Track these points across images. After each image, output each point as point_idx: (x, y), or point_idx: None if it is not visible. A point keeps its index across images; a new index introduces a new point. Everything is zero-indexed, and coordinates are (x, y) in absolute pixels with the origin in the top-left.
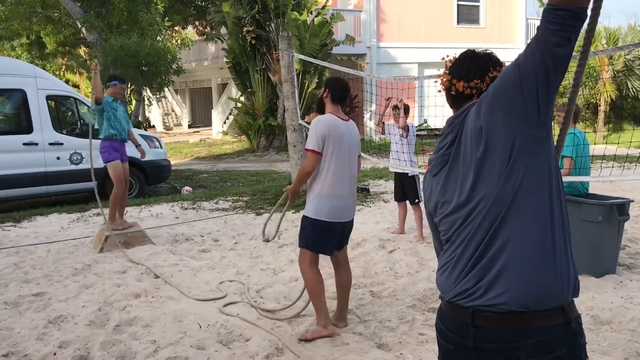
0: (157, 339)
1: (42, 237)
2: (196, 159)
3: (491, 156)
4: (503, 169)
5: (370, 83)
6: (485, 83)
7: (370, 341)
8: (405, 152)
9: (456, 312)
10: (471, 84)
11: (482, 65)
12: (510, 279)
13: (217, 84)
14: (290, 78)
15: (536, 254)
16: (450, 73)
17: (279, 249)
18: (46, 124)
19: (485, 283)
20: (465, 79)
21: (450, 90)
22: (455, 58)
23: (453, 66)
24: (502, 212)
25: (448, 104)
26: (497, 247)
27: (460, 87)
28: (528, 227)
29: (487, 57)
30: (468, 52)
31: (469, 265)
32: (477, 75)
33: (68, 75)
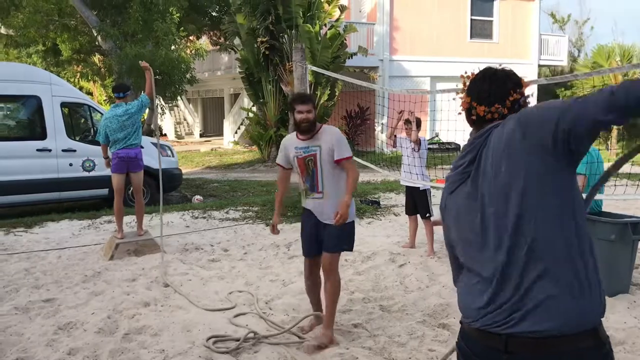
0: (166, 348)
1: (53, 243)
2: (207, 168)
3: (515, 183)
4: (532, 196)
5: (383, 96)
6: (507, 107)
7: (379, 356)
8: (417, 166)
9: (485, 338)
10: (492, 109)
11: (502, 87)
12: (548, 307)
13: (230, 94)
14: (303, 89)
15: (572, 280)
16: (469, 94)
17: (289, 260)
18: (60, 131)
19: (520, 314)
20: (486, 103)
21: (471, 115)
22: (474, 75)
23: (472, 86)
24: (535, 240)
25: (468, 123)
26: (533, 278)
27: (481, 112)
28: (561, 254)
29: (507, 78)
30: (487, 72)
31: (502, 296)
32: (498, 99)
33: (82, 82)
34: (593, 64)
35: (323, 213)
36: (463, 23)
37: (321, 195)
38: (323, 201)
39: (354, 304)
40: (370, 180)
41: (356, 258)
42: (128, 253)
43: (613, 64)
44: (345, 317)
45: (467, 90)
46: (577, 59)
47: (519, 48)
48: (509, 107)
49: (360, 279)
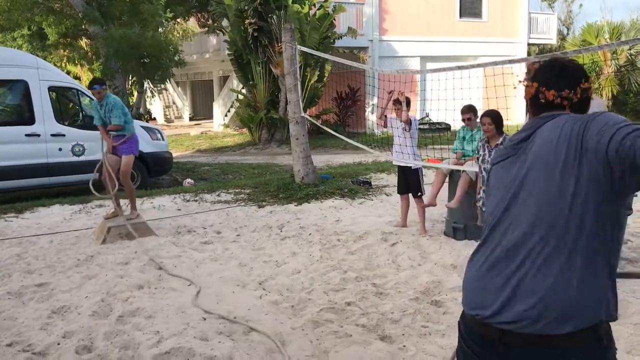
0: (161, 330)
1: (44, 228)
2: (197, 152)
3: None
4: (579, 191)
5: (373, 76)
6: (577, 95)
7: (373, 333)
8: (408, 145)
9: (483, 329)
10: (563, 94)
11: (573, 75)
12: (564, 300)
13: (219, 76)
14: (292, 70)
15: (586, 274)
16: (537, 81)
17: (282, 241)
18: (48, 115)
19: (537, 309)
20: (555, 87)
21: (539, 99)
22: (541, 66)
23: (540, 74)
24: (568, 233)
25: (531, 112)
26: (556, 270)
27: (550, 97)
28: (587, 248)
29: (578, 67)
30: (556, 62)
31: (523, 287)
32: (568, 85)
33: (69, 66)
34: (582, 42)
35: None
36: (452, 2)
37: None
38: None
39: (347, 282)
40: (361, 161)
41: (348, 238)
42: (120, 237)
43: (602, 41)
44: (338, 296)
45: (532, 77)
46: (566, 38)
47: (508, 27)
48: (579, 95)
49: (352, 259)
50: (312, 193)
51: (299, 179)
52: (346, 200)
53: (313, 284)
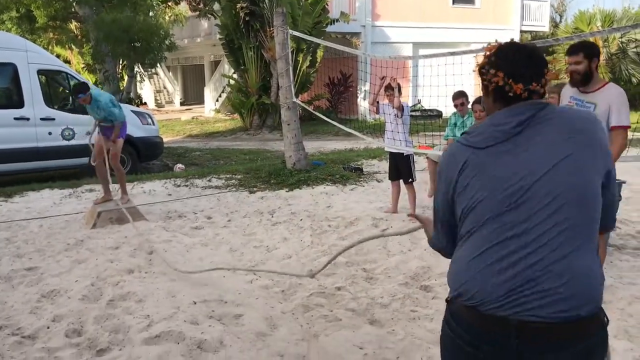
0: (151, 314)
1: (34, 213)
2: (188, 137)
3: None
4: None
5: (365, 62)
6: (544, 87)
7: (362, 317)
8: (400, 132)
9: (492, 323)
10: (531, 87)
11: (539, 64)
12: (575, 288)
13: (210, 61)
14: (284, 55)
15: (594, 261)
16: (500, 69)
17: (273, 226)
18: (37, 99)
19: (557, 294)
20: (523, 80)
21: (505, 91)
22: (500, 47)
23: (505, 62)
24: (573, 222)
25: (491, 99)
26: (568, 258)
27: (518, 90)
28: (586, 235)
29: (541, 53)
30: (521, 49)
31: (539, 274)
32: (535, 74)
33: (59, 50)
34: (574, 30)
35: None
36: None
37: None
38: None
39: (337, 267)
40: (353, 148)
41: (339, 223)
42: (110, 221)
43: (594, 29)
44: (328, 281)
45: (496, 63)
46: (559, 25)
47: (500, 13)
48: (544, 85)
49: (343, 244)
50: (303, 179)
51: (290, 164)
52: (337, 186)
53: (304, 270)
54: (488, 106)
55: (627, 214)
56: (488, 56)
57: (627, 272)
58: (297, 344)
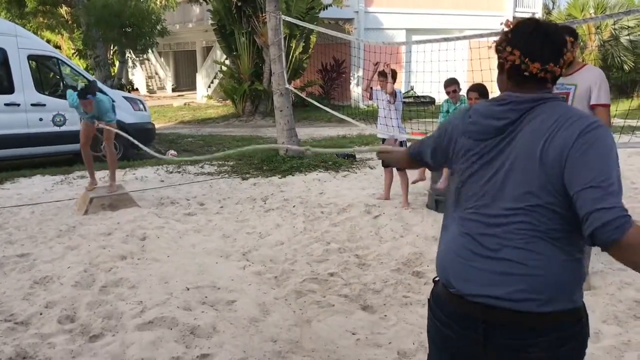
0: (144, 300)
1: (25, 199)
2: (180, 123)
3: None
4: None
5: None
6: (560, 67)
7: (355, 303)
8: (393, 118)
9: (462, 305)
10: (548, 67)
11: (558, 42)
12: (542, 281)
13: (202, 46)
14: (277, 41)
15: (563, 255)
16: (517, 47)
17: (265, 213)
18: (28, 85)
19: (522, 284)
20: (540, 60)
21: (521, 70)
22: (518, 25)
23: (522, 40)
24: (547, 218)
25: (507, 80)
26: (537, 249)
27: (534, 70)
28: (560, 228)
29: (560, 32)
30: (539, 26)
31: (506, 263)
32: (554, 55)
33: (49, 35)
34: (567, 16)
35: None
36: None
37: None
38: None
39: (330, 254)
40: (346, 134)
41: (332, 210)
42: (103, 207)
43: (587, 16)
44: (321, 267)
45: (512, 41)
46: (552, 12)
47: (494, 0)
48: (562, 66)
49: (336, 230)
50: (296, 166)
51: (283, 151)
52: (330, 173)
53: (296, 255)
54: (502, 83)
55: None
56: (505, 32)
57: None
58: (289, 330)
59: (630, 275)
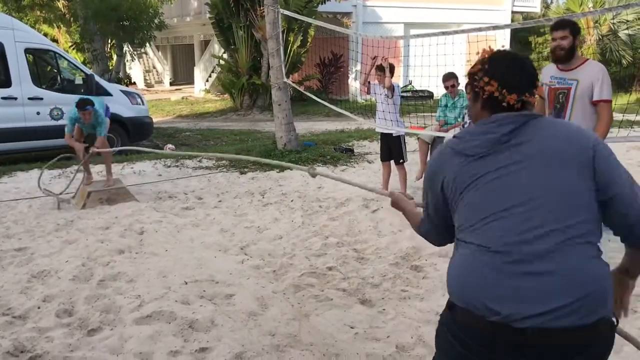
0: (142, 294)
1: (23, 193)
2: (178, 117)
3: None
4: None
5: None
6: (535, 98)
7: (353, 297)
8: (391, 112)
9: (509, 333)
10: (524, 98)
11: (532, 74)
12: (598, 291)
13: (200, 40)
14: (275, 35)
15: (601, 261)
16: (495, 78)
17: (264, 207)
18: (25, 78)
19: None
20: (517, 91)
21: (498, 100)
22: (493, 54)
23: (499, 71)
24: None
25: (481, 108)
26: (580, 261)
27: (511, 101)
28: (597, 234)
29: (532, 64)
30: (517, 59)
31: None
32: (528, 85)
33: (46, 28)
34: (566, 11)
35: None
36: None
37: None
38: None
39: (328, 248)
40: (344, 129)
41: (330, 204)
42: (100, 202)
43: (585, 10)
44: (320, 261)
45: (489, 72)
46: (550, 6)
47: None
48: (534, 94)
49: (334, 225)
50: (294, 160)
51: (281, 145)
52: (328, 167)
53: (294, 249)
54: (475, 112)
55: None
56: (481, 63)
57: (616, 253)
58: (288, 324)
59: None
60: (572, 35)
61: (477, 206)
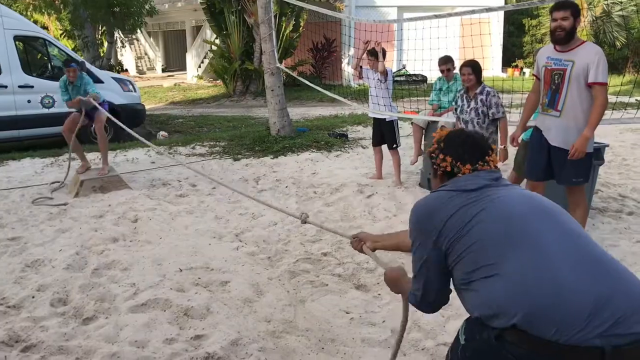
0: (137, 282)
1: (15, 182)
2: (171, 104)
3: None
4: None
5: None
6: (487, 164)
7: (348, 282)
8: (384, 97)
9: (575, 355)
10: (478, 166)
11: (486, 148)
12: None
13: (192, 26)
14: (267, 19)
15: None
16: (449, 154)
17: (258, 193)
18: (15, 66)
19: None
20: (470, 162)
21: (454, 172)
22: (450, 138)
23: (453, 148)
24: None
25: (438, 180)
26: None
27: (466, 171)
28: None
29: (486, 143)
30: (468, 136)
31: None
32: (481, 158)
33: (36, 15)
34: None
35: (551, 132)
36: None
37: (558, 114)
38: (558, 121)
39: (323, 234)
40: (338, 114)
41: (325, 190)
42: (94, 190)
43: None
44: (315, 247)
45: (444, 150)
46: None
47: None
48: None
49: (329, 210)
50: (288, 146)
51: (274, 131)
52: (322, 152)
53: (289, 236)
54: (435, 185)
55: (609, 177)
56: (437, 142)
57: (609, 235)
58: (283, 310)
59: (621, 251)
60: (573, 16)
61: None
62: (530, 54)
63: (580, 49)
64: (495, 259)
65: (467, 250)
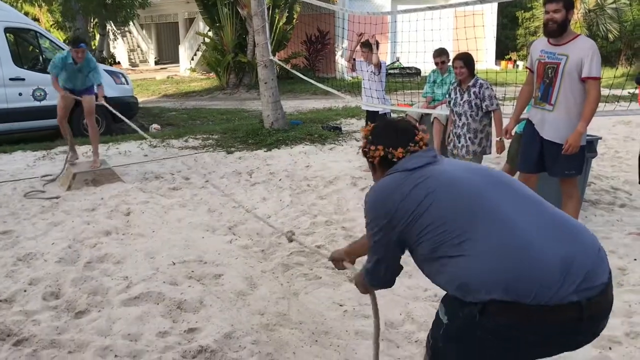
0: (129, 275)
1: (6, 175)
2: (164, 97)
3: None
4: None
5: (343, 17)
6: (418, 145)
7: (342, 275)
8: (378, 90)
9: (557, 313)
10: (410, 148)
11: (410, 130)
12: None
13: (184, 18)
14: (260, 11)
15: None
16: (380, 143)
17: (251, 187)
18: (6, 58)
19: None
20: (402, 145)
21: (389, 158)
22: (376, 129)
23: (381, 137)
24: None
25: (379, 171)
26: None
27: (400, 155)
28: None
29: (409, 126)
30: (389, 122)
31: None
32: (410, 140)
33: (27, 7)
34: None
35: (544, 126)
36: None
37: (551, 108)
38: (551, 115)
39: (316, 226)
40: (331, 107)
41: (318, 183)
42: (86, 183)
43: None
44: (308, 240)
45: (374, 141)
46: None
47: None
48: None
49: (323, 203)
50: (281, 139)
51: (268, 124)
52: (316, 145)
53: (283, 229)
54: (378, 178)
55: (602, 169)
56: (365, 137)
57: (602, 227)
58: (277, 303)
59: (614, 243)
60: (566, 9)
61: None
62: (523, 46)
63: (574, 43)
64: (460, 236)
65: (426, 230)
